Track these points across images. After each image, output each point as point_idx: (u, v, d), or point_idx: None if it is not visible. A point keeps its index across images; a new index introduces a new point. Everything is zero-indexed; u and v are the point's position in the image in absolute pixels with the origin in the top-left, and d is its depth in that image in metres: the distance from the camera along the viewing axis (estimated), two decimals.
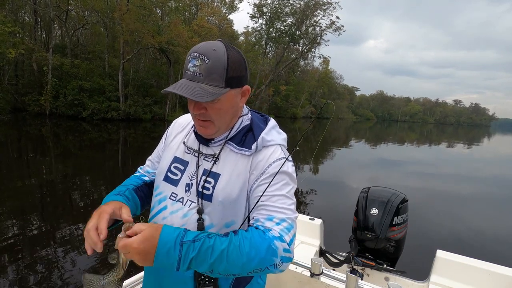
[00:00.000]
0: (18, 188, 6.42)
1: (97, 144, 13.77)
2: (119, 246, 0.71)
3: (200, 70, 0.80)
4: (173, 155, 0.99)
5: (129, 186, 1.04)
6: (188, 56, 0.84)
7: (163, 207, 0.93)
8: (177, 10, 32.48)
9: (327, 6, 36.14)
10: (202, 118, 0.87)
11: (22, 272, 3.44)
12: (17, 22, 25.31)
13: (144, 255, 0.70)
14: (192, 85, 0.80)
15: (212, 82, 0.81)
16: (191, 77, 0.81)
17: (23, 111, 23.13)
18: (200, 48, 0.81)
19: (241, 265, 0.74)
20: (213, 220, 0.87)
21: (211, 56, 0.80)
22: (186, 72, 0.83)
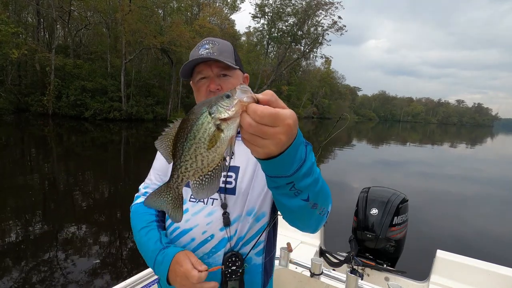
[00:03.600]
0: (21, 188, 6.47)
1: (99, 144, 13.83)
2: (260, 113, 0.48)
3: (214, 51, 0.92)
4: None
5: (156, 234, 0.95)
6: (196, 47, 0.96)
7: (184, 210, 0.90)
8: (179, 11, 32.57)
9: (329, 6, 36.13)
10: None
11: (25, 271, 3.47)
12: (20, 23, 25.47)
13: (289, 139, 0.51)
14: (206, 58, 0.91)
15: (226, 58, 0.93)
16: (205, 58, 0.91)
17: (26, 111, 23.27)
18: (208, 38, 0.96)
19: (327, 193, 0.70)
20: (237, 211, 0.90)
21: (220, 41, 0.96)
22: (197, 57, 0.92)
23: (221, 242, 0.90)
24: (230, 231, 0.90)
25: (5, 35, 17.98)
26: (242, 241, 0.91)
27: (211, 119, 0.50)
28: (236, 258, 0.89)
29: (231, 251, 0.90)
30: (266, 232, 0.95)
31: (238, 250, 0.91)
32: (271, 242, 1.00)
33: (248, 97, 0.49)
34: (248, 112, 0.48)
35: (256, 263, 0.94)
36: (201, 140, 0.51)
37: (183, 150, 0.53)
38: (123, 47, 25.49)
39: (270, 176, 0.60)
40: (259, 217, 0.92)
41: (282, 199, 0.65)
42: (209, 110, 0.51)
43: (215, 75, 0.94)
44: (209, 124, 0.51)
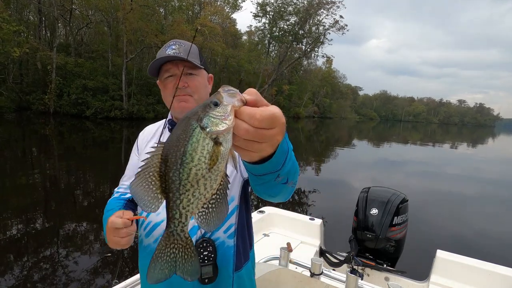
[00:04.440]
0: (22, 186, 6.49)
1: (100, 142, 13.85)
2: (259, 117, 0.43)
3: (180, 51, 0.97)
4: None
5: (116, 208, 1.03)
6: (163, 47, 1.02)
7: None
8: (180, 9, 32.57)
9: (330, 5, 36.02)
10: (183, 93, 0.98)
11: (27, 269, 3.49)
12: (22, 21, 25.50)
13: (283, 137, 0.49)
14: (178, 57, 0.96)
15: (192, 58, 0.97)
16: (173, 57, 0.97)
17: (27, 109, 23.32)
18: (174, 40, 1.02)
19: (297, 167, 0.68)
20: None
21: (186, 43, 1.02)
22: (165, 55, 0.97)
23: (191, 230, 0.91)
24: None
25: (7, 33, 18.01)
26: None
27: (206, 134, 0.43)
28: (208, 244, 0.91)
29: (202, 237, 0.92)
30: (236, 215, 0.97)
31: (210, 236, 0.93)
32: (243, 226, 1.01)
33: (238, 100, 0.43)
34: (243, 117, 0.43)
35: (229, 245, 0.96)
36: (201, 160, 0.43)
37: (181, 178, 0.44)
38: (124, 45, 25.51)
39: (258, 175, 0.57)
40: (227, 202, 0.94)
41: (265, 190, 0.66)
42: (200, 124, 0.43)
43: (183, 74, 0.97)
44: (206, 140, 0.43)
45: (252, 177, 0.62)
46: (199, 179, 0.44)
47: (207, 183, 0.45)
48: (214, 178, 0.45)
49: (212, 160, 0.44)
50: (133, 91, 26.27)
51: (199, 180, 0.45)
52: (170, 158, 0.44)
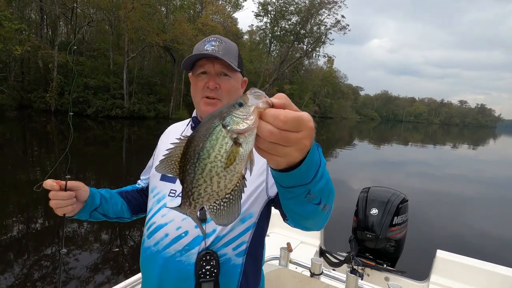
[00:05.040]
0: (23, 184, 6.51)
1: (101, 141, 13.87)
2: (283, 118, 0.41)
3: (219, 49, 0.91)
4: None
5: (113, 190, 1.09)
6: (202, 41, 0.95)
7: (163, 205, 0.92)
8: (182, 8, 32.57)
9: (332, 5, 36.00)
10: (214, 94, 0.92)
11: (27, 267, 3.50)
12: (24, 19, 25.52)
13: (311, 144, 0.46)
14: (215, 55, 0.90)
15: (230, 59, 0.92)
16: (209, 54, 0.90)
17: (28, 108, 23.36)
18: (215, 36, 0.96)
19: (333, 190, 0.64)
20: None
21: (227, 41, 0.96)
22: (202, 52, 0.91)
23: (196, 239, 0.85)
24: (206, 228, 0.85)
25: (9, 31, 18.04)
26: (221, 241, 0.86)
27: (226, 132, 0.43)
28: (211, 257, 0.84)
29: (206, 250, 0.85)
30: (251, 233, 0.90)
31: (216, 250, 0.86)
32: (257, 245, 0.93)
33: (263, 102, 0.43)
34: (267, 119, 0.42)
35: (235, 263, 0.88)
36: (217, 158, 0.43)
37: (195, 172, 0.45)
38: (126, 44, 25.52)
39: (286, 187, 0.54)
40: (244, 218, 0.88)
41: (294, 207, 0.61)
42: (222, 122, 0.43)
43: (215, 73, 0.92)
44: (225, 139, 0.43)
45: (281, 190, 0.57)
46: (213, 176, 0.44)
47: (220, 181, 0.45)
48: (229, 178, 0.45)
49: (229, 159, 0.43)
50: (134, 90, 26.30)
51: (212, 177, 0.45)
52: (190, 152, 0.45)
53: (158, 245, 0.88)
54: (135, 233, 4.66)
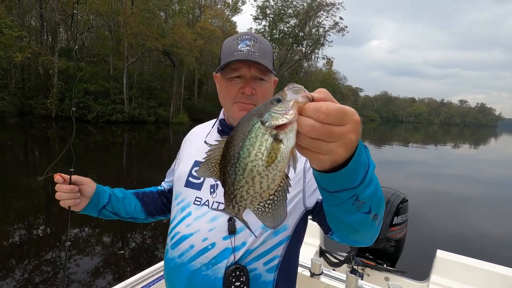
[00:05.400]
0: (24, 190, 6.53)
1: (102, 146, 13.91)
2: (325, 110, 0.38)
3: (255, 49, 0.82)
4: (193, 160, 0.95)
5: (130, 190, 1.08)
6: (234, 38, 0.86)
7: (187, 213, 0.87)
8: (181, 13, 32.75)
9: (330, 7, 36.15)
10: (249, 100, 0.85)
11: (28, 271, 3.51)
12: (24, 26, 25.70)
13: (357, 139, 0.42)
14: (251, 58, 0.81)
15: (266, 61, 0.84)
16: (245, 56, 0.81)
17: (29, 114, 23.45)
18: (248, 33, 0.86)
19: (383, 199, 0.58)
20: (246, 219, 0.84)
21: (262, 40, 0.86)
22: (236, 53, 0.81)
23: (223, 252, 0.79)
24: (235, 240, 0.79)
25: (9, 38, 18.15)
26: (252, 254, 0.79)
27: (265, 129, 0.41)
28: (241, 273, 0.77)
29: (235, 264, 0.78)
30: (284, 247, 0.83)
31: (245, 265, 0.79)
32: (290, 260, 0.86)
33: (303, 96, 0.40)
34: (307, 113, 0.39)
35: (266, 280, 0.81)
36: (258, 156, 0.41)
37: (236, 173, 0.43)
38: (125, 49, 25.66)
39: (332, 192, 0.49)
40: (278, 230, 0.81)
41: (341, 216, 0.55)
42: (260, 119, 0.41)
43: (251, 77, 0.84)
44: (265, 136, 0.41)
45: (325, 196, 0.52)
46: (255, 176, 0.42)
47: (263, 181, 0.42)
48: (271, 178, 0.42)
49: (270, 157, 0.41)
50: (134, 94, 26.39)
51: (254, 177, 0.42)
52: (229, 152, 0.43)
53: (183, 256, 0.83)
54: (137, 235, 4.67)
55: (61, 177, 0.87)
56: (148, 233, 4.85)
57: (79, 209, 0.93)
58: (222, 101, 0.91)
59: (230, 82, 0.86)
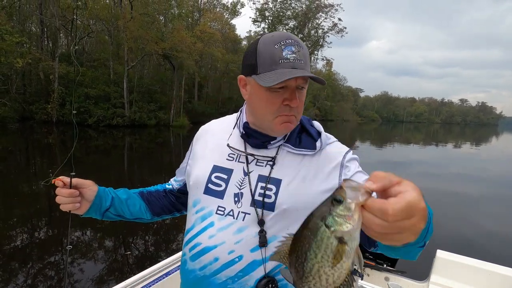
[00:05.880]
0: (26, 195, 6.55)
1: (103, 150, 13.95)
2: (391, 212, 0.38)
3: (300, 57, 0.75)
4: (212, 164, 0.88)
5: (134, 190, 1.04)
6: (275, 42, 0.75)
7: (209, 223, 0.81)
8: (180, 17, 32.88)
9: (328, 9, 36.29)
10: (292, 112, 0.79)
11: (31, 275, 3.52)
12: (24, 32, 25.86)
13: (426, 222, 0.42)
14: (302, 71, 0.74)
15: (308, 67, 0.77)
16: (293, 65, 0.74)
17: (30, 119, 23.53)
18: (289, 35, 0.77)
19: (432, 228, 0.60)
20: (276, 231, 0.77)
21: (302, 43, 0.78)
22: (282, 60, 0.73)
23: (251, 265, 0.76)
24: (265, 252, 0.76)
25: (10, 45, 18.26)
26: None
27: (330, 233, 0.43)
28: (272, 284, 0.75)
29: (266, 276, 0.75)
30: None
31: (275, 275, 0.76)
32: None
33: (363, 194, 0.41)
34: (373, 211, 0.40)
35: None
36: (324, 258, 0.44)
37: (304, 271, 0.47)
38: (125, 54, 25.76)
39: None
40: None
41: (397, 255, 0.61)
42: (325, 222, 0.43)
43: (295, 87, 0.77)
44: (330, 239, 0.43)
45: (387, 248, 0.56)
46: (321, 274, 0.45)
47: (329, 278, 0.45)
48: (337, 275, 0.45)
49: (336, 258, 0.43)
50: (135, 98, 26.46)
51: (321, 276, 0.45)
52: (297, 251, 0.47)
53: (206, 269, 0.78)
54: (139, 238, 4.68)
55: (61, 181, 0.86)
56: (150, 234, 4.87)
57: (82, 213, 0.91)
58: (259, 112, 0.81)
59: (272, 93, 0.76)
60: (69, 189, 0.86)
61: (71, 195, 0.86)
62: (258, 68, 0.76)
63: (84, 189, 0.90)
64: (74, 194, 0.86)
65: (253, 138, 0.85)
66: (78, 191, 0.88)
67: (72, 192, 0.86)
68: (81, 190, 0.89)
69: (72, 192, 0.86)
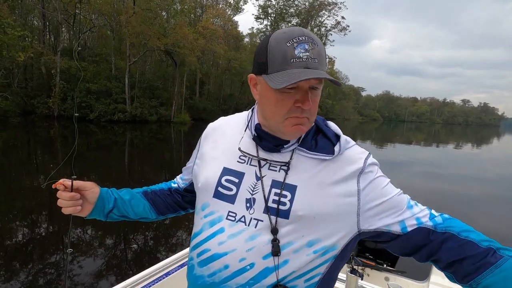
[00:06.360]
0: (27, 190, 6.57)
1: (104, 145, 13.97)
2: None
3: (314, 55, 0.69)
4: (222, 166, 0.84)
5: (138, 189, 1.01)
6: (288, 40, 0.69)
7: (219, 229, 0.78)
8: (183, 13, 32.77)
9: (332, 6, 36.12)
10: (304, 114, 0.73)
11: (32, 273, 3.54)
12: (26, 26, 25.83)
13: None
14: (314, 71, 0.68)
15: (324, 67, 0.71)
16: (306, 64, 0.68)
17: (32, 113, 23.58)
18: (302, 31, 0.71)
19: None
20: (290, 239, 0.73)
21: (317, 41, 0.71)
22: (294, 59, 0.68)
23: (263, 272, 0.73)
24: (278, 260, 0.74)
25: (12, 38, 18.23)
26: (295, 273, 0.74)
27: None
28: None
29: (278, 283, 0.73)
30: (328, 266, 0.77)
31: (287, 283, 0.74)
32: (331, 277, 0.80)
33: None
34: None
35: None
36: None
37: None
38: (127, 49, 25.74)
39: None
40: (327, 250, 0.74)
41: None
42: None
43: (308, 88, 0.72)
44: None
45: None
46: None
47: None
48: None
49: None
50: (136, 94, 26.47)
51: None
52: None
53: (215, 276, 0.76)
54: (140, 236, 4.69)
55: (62, 184, 0.84)
56: (151, 234, 4.88)
57: (85, 215, 0.90)
58: (269, 113, 0.77)
59: (284, 94, 0.72)
60: (70, 193, 0.84)
61: (72, 199, 0.85)
62: (269, 68, 0.71)
63: (86, 191, 0.88)
64: (75, 197, 0.85)
65: (266, 141, 0.80)
66: (79, 194, 0.86)
67: (73, 195, 0.85)
68: (83, 193, 0.88)
69: (73, 195, 0.85)
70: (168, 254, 4.05)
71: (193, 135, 21.82)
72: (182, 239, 4.70)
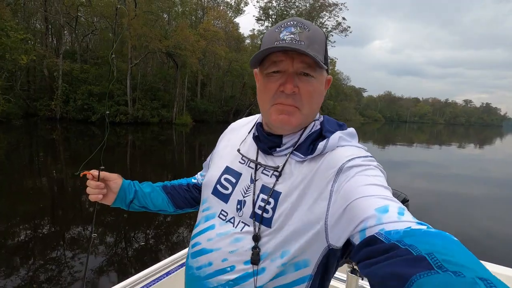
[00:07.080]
0: (30, 191, 6.61)
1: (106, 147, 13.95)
2: None
3: (301, 38, 0.65)
4: (225, 165, 0.86)
5: (159, 183, 1.06)
6: (277, 26, 0.69)
7: (210, 225, 0.80)
8: (184, 15, 32.90)
9: (333, 7, 36.14)
10: (290, 101, 0.69)
11: (33, 270, 3.56)
12: (29, 29, 26.00)
13: None
14: (285, 47, 0.64)
15: (315, 51, 0.66)
16: (288, 45, 0.64)
17: (34, 116, 23.71)
18: (294, 18, 0.69)
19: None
20: (270, 249, 0.70)
21: (311, 27, 0.68)
22: (277, 42, 0.66)
23: (243, 277, 0.71)
24: (258, 268, 0.71)
25: (15, 41, 18.37)
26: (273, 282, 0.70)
27: None
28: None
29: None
30: (307, 285, 0.70)
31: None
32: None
33: None
34: None
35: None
36: None
37: None
38: (129, 51, 25.85)
39: None
40: (298, 263, 0.68)
41: None
42: None
43: (294, 72, 0.68)
44: None
45: None
46: None
47: None
48: None
49: None
50: (138, 96, 26.56)
51: None
52: None
53: (200, 271, 0.77)
54: (140, 234, 4.71)
55: (90, 174, 0.95)
56: (152, 232, 4.89)
57: (109, 203, 0.98)
58: (259, 101, 0.76)
59: (270, 78, 0.70)
60: (96, 182, 0.94)
61: (98, 187, 0.93)
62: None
63: (110, 181, 0.96)
64: (100, 186, 0.94)
65: (262, 143, 0.78)
66: (103, 184, 0.95)
67: (98, 184, 0.93)
68: (107, 183, 0.96)
69: (98, 184, 0.93)
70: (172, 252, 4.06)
71: (195, 137, 21.85)
72: (183, 237, 4.71)
